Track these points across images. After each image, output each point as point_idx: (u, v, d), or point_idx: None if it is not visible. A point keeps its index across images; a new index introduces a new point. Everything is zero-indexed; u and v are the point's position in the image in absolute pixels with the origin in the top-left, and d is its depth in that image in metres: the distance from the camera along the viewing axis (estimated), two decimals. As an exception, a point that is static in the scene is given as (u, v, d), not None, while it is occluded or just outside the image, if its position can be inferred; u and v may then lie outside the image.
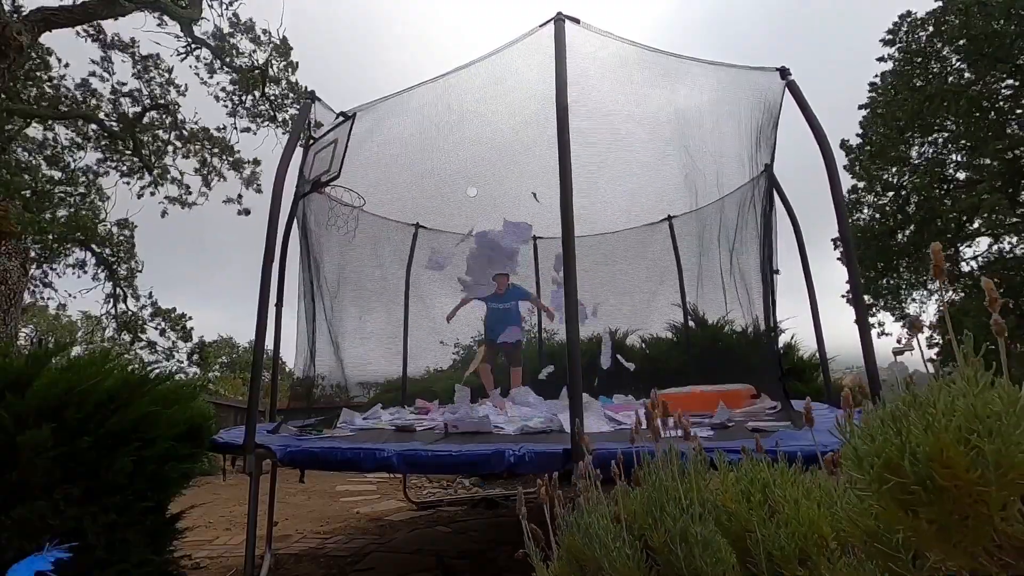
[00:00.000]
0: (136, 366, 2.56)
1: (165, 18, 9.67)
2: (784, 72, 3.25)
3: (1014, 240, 12.98)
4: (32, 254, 8.65)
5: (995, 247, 13.33)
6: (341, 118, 3.54)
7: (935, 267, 0.78)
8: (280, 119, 11.25)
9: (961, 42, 12.20)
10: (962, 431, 0.63)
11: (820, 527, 0.93)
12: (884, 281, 14.37)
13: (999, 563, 0.63)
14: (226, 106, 11.13)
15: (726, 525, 1.05)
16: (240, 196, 12.00)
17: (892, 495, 0.68)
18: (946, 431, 0.63)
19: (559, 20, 2.55)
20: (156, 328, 13.34)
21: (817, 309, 4.11)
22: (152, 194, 11.76)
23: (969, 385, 0.66)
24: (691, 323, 5.69)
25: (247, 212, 11.90)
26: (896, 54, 13.37)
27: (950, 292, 12.99)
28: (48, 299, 12.40)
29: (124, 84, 10.86)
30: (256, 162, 11.89)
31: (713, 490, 1.12)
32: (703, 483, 1.11)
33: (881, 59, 13.57)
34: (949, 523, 0.64)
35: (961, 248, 13.69)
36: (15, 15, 7.66)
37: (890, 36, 13.42)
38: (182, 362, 13.87)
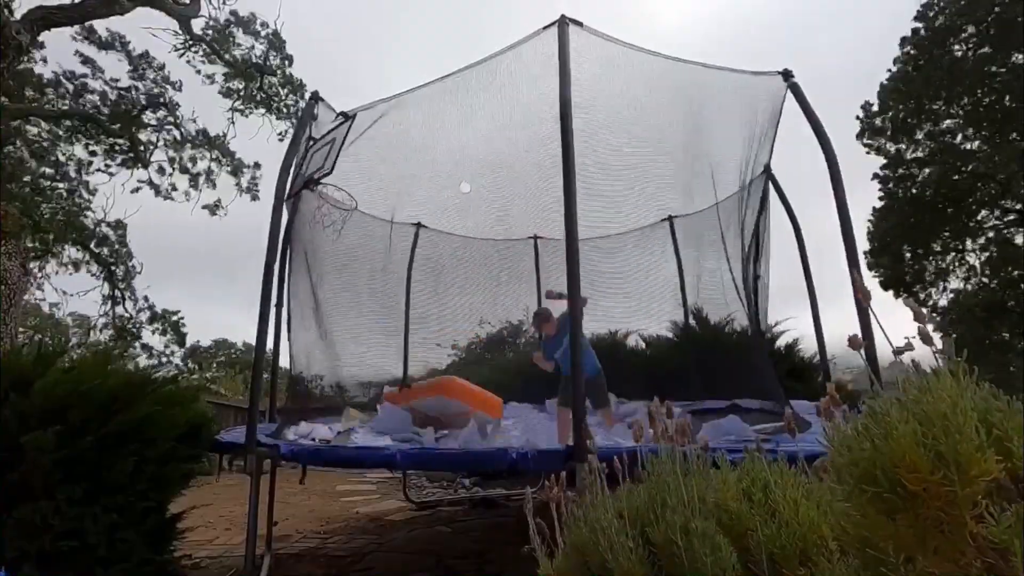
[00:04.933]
0: (133, 368, 2.56)
1: (162, 15, 9.65)
2: (787, 74, 3.25)
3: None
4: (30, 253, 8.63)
5: (1004, 237, 13.22)
6: (341, 118, 3.54)
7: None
8: (274, 107, 11.25)
9: (984, 24, 12.03)
10: (917, 435, 0.65)
11: (820, 528, 0.94)
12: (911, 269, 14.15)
13: (985, 565, 0.63)
14: (221, 89, 11.10)
15: (727, 524, 1.05)
16: (218, 202, 12.03)
17: (872, 504, 0.69)
18: (904, 436, 0.65)
19: (562, 23, 2.56)
20: (152, 332, 13.32)
21: (817, 309, 4.12)
22: (157, 191, 11.74)
23: (921, 392, 0.69)
24: (691, 323, 5.70)
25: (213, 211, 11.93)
26: (923, 32, 13.08)
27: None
28: (42, 300, 12.37)
29: (118, 81, 10.85)
30: (257, 165, 11.88)
31: (715, 488, 1.12)
32: (705, 482, 1.11)
33: (906, 38, 13.32)
34: (925, 529, 0.66)
35: (968, 241, 13.65)
36: (14, 14, 7.64)
37: (921, 10, 13.19)
38: (176, 364, 13.84)
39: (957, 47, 12.82)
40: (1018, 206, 12.62)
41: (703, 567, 0.96)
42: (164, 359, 13.82)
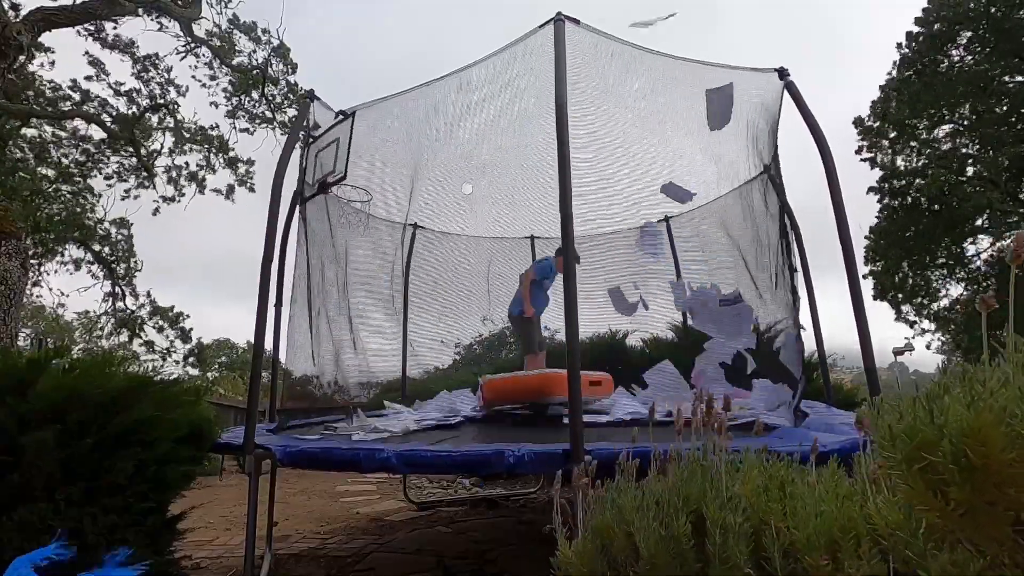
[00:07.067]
0: (136, 366, 2.55)
1: (164, 19, 9.67)
2: (783, 73, 3.25)
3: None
4: (31, 252, 8.64)
5: (1001, 243, 13.20)
6: (341, 117, 3.55)
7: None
8: (278, 120, 11.27)
9: (979, 31, 11.95)
10: (1005, 412, 0.62)
11: (840, 521, 0.93)
12: (908, 280, 14.12)
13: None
14: (227, 107, 11.15)
15: (750, 518, 1.05)
16: (232, 187, 12.11)
17: (922, 475, 0.67)
18: (989, 410, 0.63)
19: (559, 21, 2.55)
20: (155, 327, 13.35)
21: (816, 309, 4.12)
22: (150, 190, 11.76)
23: (1015, 370, 0.65)
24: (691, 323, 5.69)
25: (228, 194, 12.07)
26: (921, 37, 12.92)
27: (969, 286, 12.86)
28: (41, 298, 12.44)
29: (122, 84, 10.87)
30: (250, 162, 11.92)
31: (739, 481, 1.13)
32: (732, 478, 1.12)
33: (911, 34, 13.14)
34: (978, 505, 0.64)
35: (967, 245, 13.62)
36: (15, 15, 7.64)
37: (922, 15, 13.00)
38: (178, 362, 13.89)
39: (955, 53, 12.75)
40: (1021, 209, 12.58)
41: (731, 561, 0.97)
42: (168, 356, 13.84)
